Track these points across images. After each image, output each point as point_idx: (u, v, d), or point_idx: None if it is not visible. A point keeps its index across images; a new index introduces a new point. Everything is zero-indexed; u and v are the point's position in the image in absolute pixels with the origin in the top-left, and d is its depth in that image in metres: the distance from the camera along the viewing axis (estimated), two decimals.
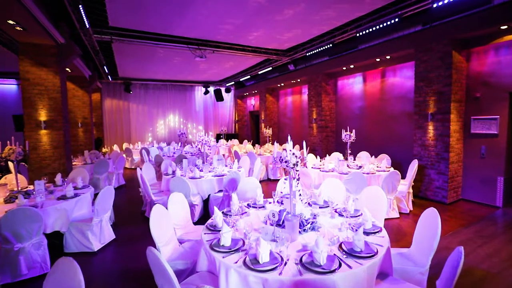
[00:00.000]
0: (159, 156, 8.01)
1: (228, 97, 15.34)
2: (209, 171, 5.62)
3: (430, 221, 2.46)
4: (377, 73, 7.82)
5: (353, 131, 6.12)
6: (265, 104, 12.50)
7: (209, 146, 5.90)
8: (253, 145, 11.00)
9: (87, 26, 4.88)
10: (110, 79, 11.48)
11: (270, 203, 3.44)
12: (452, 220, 4.82)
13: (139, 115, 13.44)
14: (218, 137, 14.63)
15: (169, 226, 2.98)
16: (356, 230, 2.40)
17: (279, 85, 11.72)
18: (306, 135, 10.43)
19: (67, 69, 7.69)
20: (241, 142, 12.87)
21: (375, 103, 7.93)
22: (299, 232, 2.49)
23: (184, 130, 9.71)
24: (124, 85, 12.32)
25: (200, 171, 5.64)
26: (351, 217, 2.84)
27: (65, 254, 3.75)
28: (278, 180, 8.24)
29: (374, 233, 2.47)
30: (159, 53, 7.90)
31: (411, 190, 5.36)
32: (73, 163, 7.14)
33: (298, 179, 2.67)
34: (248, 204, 3.39)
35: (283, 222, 2.59)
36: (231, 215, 2.97)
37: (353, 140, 6.05)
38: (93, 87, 9.92)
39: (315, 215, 2.77)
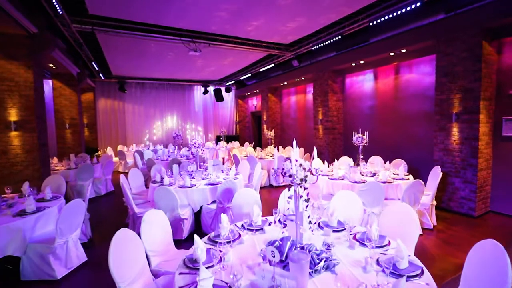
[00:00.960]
0: (151, 160, 7.36)
1: (229, 97, 14.69)
2: (203, 178, 4.95)
3: (493, 261, 1.76)
4: (390, 69, 7.11)
5: (366, 133, 5.40)
6: (267, 104, 11.82)
7: (203, 150, 5.20)
8: (255, 147, 10.33)
9: (60, 12, 4.24)
10: (103, 78, 10.86)
11: (270, 224, 2.75)
12: (484, 238, 4.08)
13: (135, 115, 12.83)
14: (218, 139, 13.97)
15: (140, 255, 2.30)
16: (390, 272, 1.72)
17: (282, 84, 11.04)
18: (311, 137, 9.72)
19: (51, 65, 7.08)
20: (242, 145, 12.20)
21: (387, 102, 7.20)
22: (309, 273, 1.79)
23: (179, 132, 9.08)
24: (118, 84, 11.71)
25: (192, 178, 4.97)
26: (376, 247, 2.14)
27: (22, 283, 3.08)
28: (281, 187, 7.57)
29: (414, 277, 1.77)
30: (151, 47, 7.25)
31: (434, 202, 4.63)
32: (56, 168, 6.51)
33: (307, 200, 1.98)
34: (242, 225, 2.70)
35: (286, 258, 1.90)
36: (219, 241, 2.26)
37: (366, 143, 5.34)
38: (82, 85, 9.31)
39: (328, 245, 2.07)
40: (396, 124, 6.99)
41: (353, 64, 7.60)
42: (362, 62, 7.32)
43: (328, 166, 5.78)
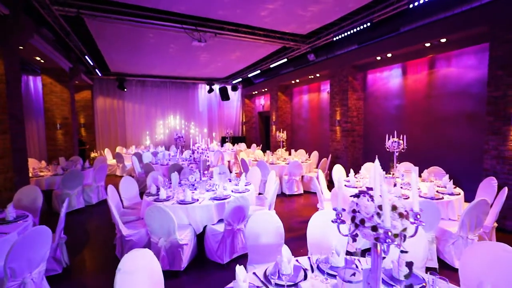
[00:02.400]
0: (149, 165, 6.53)
1: (235, 96, 13.85)
2: (207, 191, 4.10)
3: None
4: (422, 63, 6.19)
5: (403, 137, 4.50)
6: (276, 104, 10.94)
7: (207, 156, 4.35)
8: (263, 151, 9.46)
9: None
10: (100, 74, 10.09)
11: (306, 273, 1.87)
12: None
13: (136, 115, 12.04)
14: (223, 141, 13.13)
15: None
16: None
17: (293, 82, 10.16)
18: (327, 139, 8.82)
19: (37, 57, 6.30)
20: (248, 147, 11.34)
21: (419, 101, 6.28)
22: None
23: (181, 133, 8.27)
24: (117, 81, 10.93)
25: (194, 190, 4.12)
26: None
27: None
28: (295, 195, 6.68)
29: None
30: (149, 38, 6.43)
31: (495, 224, 3.71)
32: (40, 174, 5.72)
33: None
34: (266, 277, 1.83)
35: None
36: None
37: (403, 149, 4.44)
38: (74, 82, 8.53)
39: None
40: (429, 126, 6.07)
41: (378, 58, 6.69)
42: (389, 55, 6.41)
43: (355, 176, 4.88)
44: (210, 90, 12.70)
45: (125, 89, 11.08)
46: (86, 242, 4.18)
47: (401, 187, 4.07)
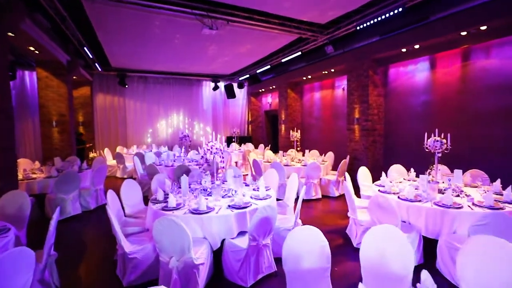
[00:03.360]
0: (152, 166, 5.96)
1: (240, 94, 13.27)
2: (223, 197, 3.53)
3: None
4: (454, 54, 5.62)
5: (448, 136, 3.94)
6: (286, 102, 10.37)
7: (222, 158, 3.77)
8: (274, 151, 8.88)
9: None
10: (100, 69, 9.52)
11: None
12: None
13: (137, 113, 11.47)
14: (229, 141, 12.56)
15: None
16: None
17: (304, 78, 9.58)
18: (343, 139, 8.25)
19: (31, 48, 5.73)
20: (255, 147, 10.76)
21: (450, 96, 5.72)
22: None
23: (186, 132, 7.72)
24: (118, 77, 10.36)
25: (207, 196, 3.55)
26: None
27: None
28: (314, 200, 6.04)
29: None
30: (154, 27, 5.86)
31: None
32: (33, 176, 5.14)
33: None
34: None
35: None
36: None
37: (447, 149, 3.87)
38: (72, 76, 7.95)
39: None
40: (463, 125, 5.50)
41: (404, 50, 6.12)
42: (417, 46, 5.83)
43: (391, 181, 4.31)
44: (215, 88, 12.13)
45: (126, 86, 10.52)
46: (81, 257, 3.60)
47: (439, 191, 3.50)
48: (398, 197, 3.57)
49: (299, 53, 7.38)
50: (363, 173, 5.01)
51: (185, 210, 3.09)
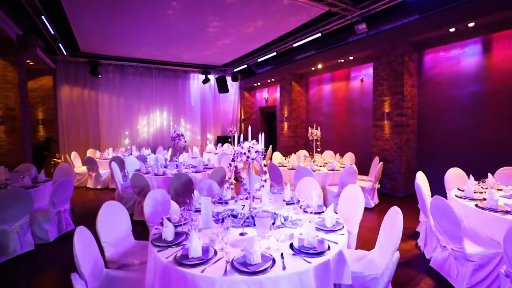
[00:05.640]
0: (139, 177, 4.39)
1: (232, 89, 11.83)
2: (270, 227, 2.13)
3: None
4: None
5: None
6: (290, 96, 9.11)
7: (265, 165, 2.32)
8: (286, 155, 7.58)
9: None
10: (66, 53, 7.68)
11: None
12: None
13: (113, 110, 9.65)
14: (220, 141, 11.08)
15: None
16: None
17: (313, 69, 8.38)
18: (360, 138, 7.15)
19: None
20: None
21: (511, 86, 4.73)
22: None
23: (179, 131, 6.21)
24: (89, 65, 8.54)
25: (242, 225, 2.17)
26: None
27: None
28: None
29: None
30: None
31: None
32: None
33: None
34: None
35: None
36: None
37: None
38: (26, 59, 6.12)
39: None
40: None
41: (452, 30, 5.07)
42: (472, 24, 4.80)
43: (479, 185, 3.16)
44: (206, 80, 10.61)
45: (100, 76, 8.71)
46: None
47: None
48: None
49: (319, 34, 6.13)
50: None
51: (223, 263, 1.69)
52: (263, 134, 2.75)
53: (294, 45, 6.92)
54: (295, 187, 5.08)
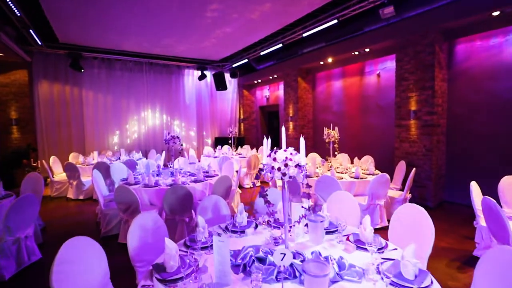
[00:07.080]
0: (124, 191, 3.50)
1: (231, 87, 10.96)
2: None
3: None
4: None
5: None
6: (296, 94, 8.31)
7: (307, 185, 1.44)
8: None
9: None
10: (41, 43, 6.69)
11: None
12: None
13: (99, 108, 8.67)
14: (217, 143, 10.21)
15: None
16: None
17: (322, 63, 7.60)
18: (378, 140, 6.41)
19: None
20: (251, 149, 8.55)
21: None
22: None
23: (174, 132, 5.34)
24: (70, 57, 7.56)
25: None
26: None
27: None
28: (379, 230, 3.84)
29: None
30: None
31: None
32: None
33: None
34: None
35: None
36: None
37: None
38: None
39: None
40: None
41: (496, 14, 4.34)
42: None
43: None
44: (202, 77, 9.72)
45: (82, 70, 7.75)
46: None
47: None
48: None
49: (335, 21, 5.34)
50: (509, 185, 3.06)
51: None
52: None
53: (304, 34, 6.10)
54: (315, 198, 4.32)
